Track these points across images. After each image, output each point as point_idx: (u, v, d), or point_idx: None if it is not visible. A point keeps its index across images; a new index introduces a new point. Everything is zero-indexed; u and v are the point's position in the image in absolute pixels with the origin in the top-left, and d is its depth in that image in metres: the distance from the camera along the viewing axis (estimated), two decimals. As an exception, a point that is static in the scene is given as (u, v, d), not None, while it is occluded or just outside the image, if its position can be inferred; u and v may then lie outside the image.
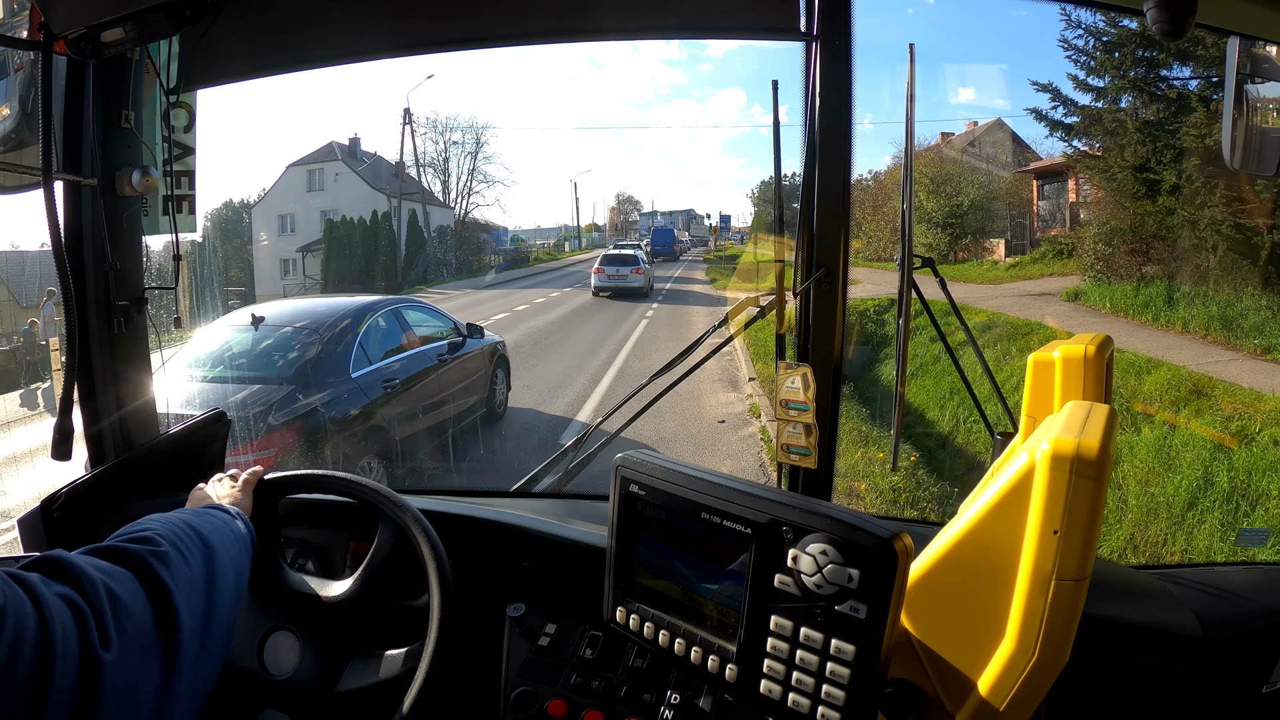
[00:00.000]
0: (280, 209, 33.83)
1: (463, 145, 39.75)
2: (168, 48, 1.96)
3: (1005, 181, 21.25)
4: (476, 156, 38.91)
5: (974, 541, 0.96)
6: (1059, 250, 17.51)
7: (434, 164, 38.14)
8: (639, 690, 1.44)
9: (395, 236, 32.84)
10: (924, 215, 20.83)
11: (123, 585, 0.95)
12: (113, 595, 0.92)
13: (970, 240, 20.64)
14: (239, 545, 1.29)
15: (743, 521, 1.02)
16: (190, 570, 1.10)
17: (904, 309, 1.81)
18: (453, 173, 38.67)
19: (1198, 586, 1.60)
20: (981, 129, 23.87)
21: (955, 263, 20.51)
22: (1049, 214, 19.72)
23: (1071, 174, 18.10)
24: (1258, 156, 1.57)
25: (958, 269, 19.78)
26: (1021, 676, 0.90)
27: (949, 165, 21.98)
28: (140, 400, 2.04)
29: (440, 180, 38.18)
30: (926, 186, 20.90)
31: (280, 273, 32.86)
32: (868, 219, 23.58)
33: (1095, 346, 1.12)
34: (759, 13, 1.73)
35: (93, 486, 1.87)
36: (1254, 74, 1.52)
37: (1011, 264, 18.61)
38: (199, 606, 1.07)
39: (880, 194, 23.96)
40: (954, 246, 20.66)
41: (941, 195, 20.72)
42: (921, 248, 20.09)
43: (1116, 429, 0.94)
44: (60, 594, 0.85)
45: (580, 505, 1.97)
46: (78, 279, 1.85)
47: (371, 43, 1.95)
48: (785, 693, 0.99)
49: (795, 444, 1.76)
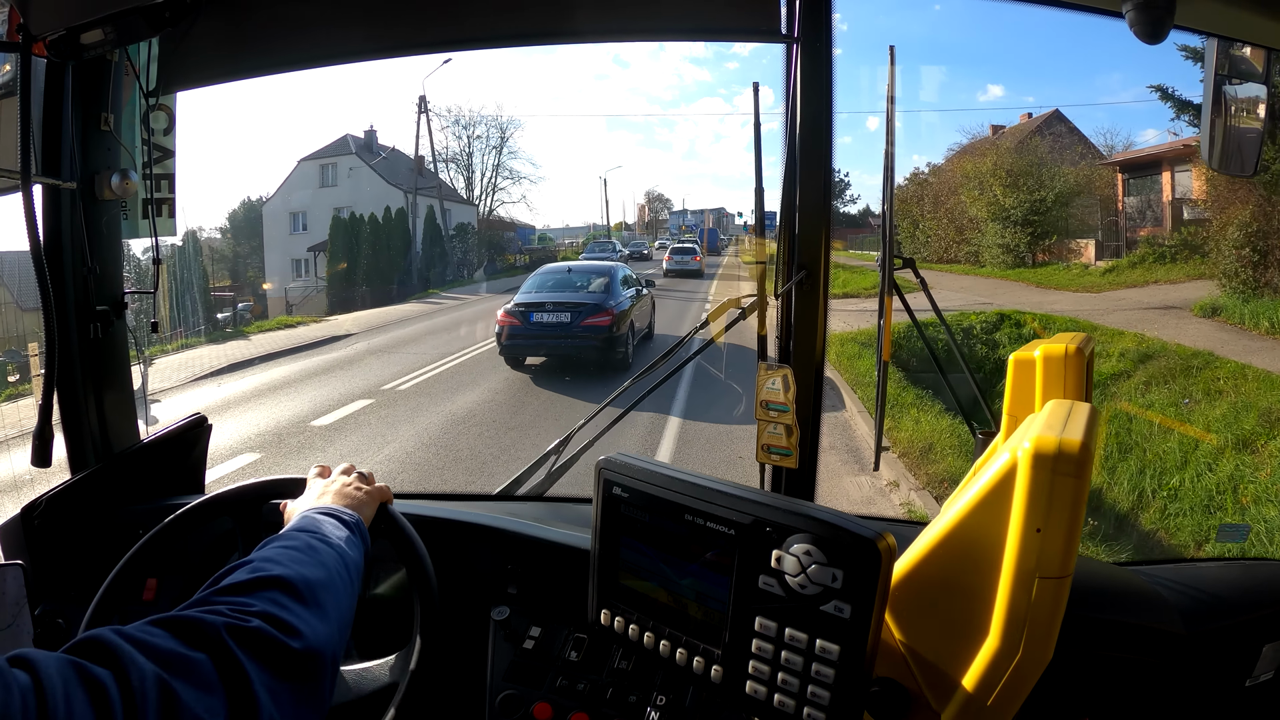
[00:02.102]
0: (292, 206, 32.41)
1: (486, 140, 38.21)
2: (147, 50, 1.94)
3: (1083, 175, 19.59)
4: (501, 151, 37.38)
5: (957, 540, 0.96)
6: (1159, 253, 15.47)
7: (456, 159, 36.64)
8: (624, 692, 1.44)
9: (410, 234, 31.16)
10: (999, 212, 19.39)
11: (189, 676, 0.74)
12: (167, 693, 0.71)
13: (1054, 241, 18.80)
14: (351, 586, 1.09)
15: (726, 523, 1.03)
16: (295, 635, 0.88)
17: (884, 309, 1.81)
18: (476, 168, 37.20)
19: (1180, 583, 1.61)
20: (1037, 121, 22.70)
21: (1034, 266, 18.78)
22: (1137, 211, 17.93)
23: (1167, 166, 16.56)
24: (1236, 156, 1.59)
25: (1039, 273, 18.04)
26: (1006, 674, 0.91)
27: (1028, 155, 20.16)
28: (120, 405, 2.02)
29: (464, 176, 36.79)
30: (1002, 180, 19.45)
31: (293, 273, 31.18)
32: (927, 215, 22.41)
33: (1076, 345, 1.12)
34: (739, 15, 1.73)
35: (73, 492, 1.85)
36: (1232, 75, 1.54)
37: (1106, 268, 16.48)
38: (289, 690, 0.84)
39: (942, 187, 22.58)
40: (1034, 247, 19.00)
41: (1021, 189, 19.03)
42: (997, 249, 19.48)
43: (1098, 427, 0.95)
44: (86, 681, 0.67)
45: (564, 508, 1.97)
46: (57, 283, 1.83)
47: (352, 44, 1.94)
48: (771, 693, 0.99)
49: (776, 444, 1.76)
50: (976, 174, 20.62)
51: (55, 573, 1.78)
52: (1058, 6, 1.55)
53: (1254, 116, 1.57)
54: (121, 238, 2.02)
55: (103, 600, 1.39)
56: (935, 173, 23.96)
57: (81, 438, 1.95)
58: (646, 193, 52.72)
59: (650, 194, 50.65)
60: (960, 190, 21.22)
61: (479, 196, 36.83)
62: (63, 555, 1.80)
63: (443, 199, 32.99)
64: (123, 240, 2.02)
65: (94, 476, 1.89)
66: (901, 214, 23.04)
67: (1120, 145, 20.77)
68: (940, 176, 23.49)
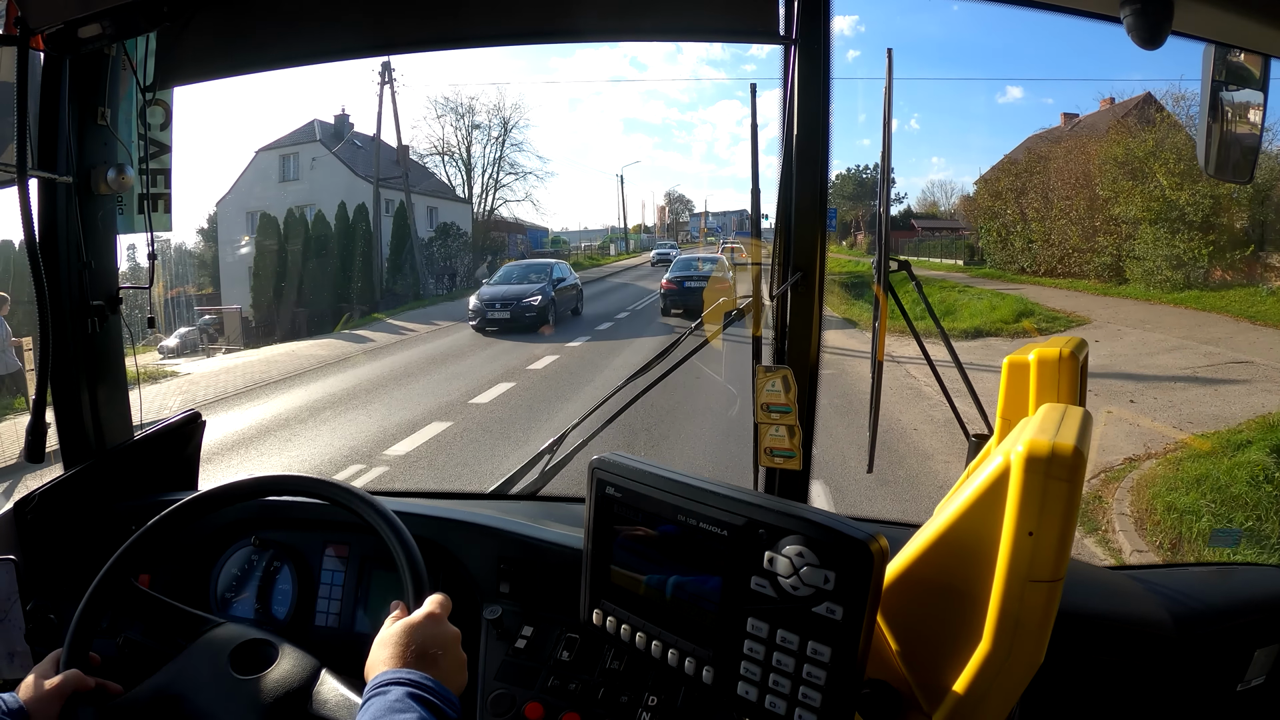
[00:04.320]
0: (250, 204, 26.76)
1: (488, 130, 32.82)
2: (145, 44, 1.94)
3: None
4: (504, 144, 32.62)
5: (949, 543, 0.96)
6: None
7: (451, 152, 31.95)
8: (616, 692, 1.44)
9: (373, 238, 25.62)
10: (1165, 211, 14.70)
11: None
12: None
13: (1247, 254, 13.67)
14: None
15: (718, 524, 1.02)
16: None
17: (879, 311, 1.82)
18: (476, 163, 32.48)
19: (1171, 587, 1.62)
20: (1129, 105, 19.35)
21: (1205, 288, 13.94)
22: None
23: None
24: (1232, 163, 1.59)
25: (1225, 298, 13.17)
26: (997, 676, 0.91)
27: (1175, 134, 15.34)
28: (114, 400, 2.02)
29: (462, 171, 32.13)
30: (1169, 167, 14.74)
31: (249, 280, 24.75)
32: (1035, 216, 18.30)
33: (1070, 349, 1.12)
34: (737, 16, 1.73)
35: (66, 487, 1.85)
36: (1229, 81, 1.54)
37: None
38: None
39: (1072, 173, 17.39)
40: (1216, 261, 14.03)
41: (1199, 180, 14.09)
42: (1163, 262, 14.75)
43: (1091, 430, 0.95)
44: None
45: (557, 508, 1.97)
46: (52, 278, 1.83)
47: (350, 41, 1.94)
48: (762, 695, 0.99)
49: (779, 447, 1.76)
50: (1127, 159, 15.97)
51: (47, 568, 1.77)
52: (1055, 11, 1.55)
53: (1251, 123, 1.57)
54: (117, 233, 2.01)
55: (94, 596, 1.39)
56: (1034, 162, 19.82)
57: (75, 433, 1.95)
58: (666, 193, 51.08)
59: (671, 195, 49.17)
60: (1096, 181, 16.67)
61: (479, 194, 32.44)
62: (55, 550, 1.80)
63: (409, 191, 27.77)
64: (118, 235, 2.02)
65: (87, 472, 1.89)
66: (986, 214, 21.00)
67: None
68: (1038, 168, 19.35)
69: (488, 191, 32.56)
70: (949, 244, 26.54)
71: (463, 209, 31.12)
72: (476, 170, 32.67)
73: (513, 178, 36.63)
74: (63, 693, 1.29)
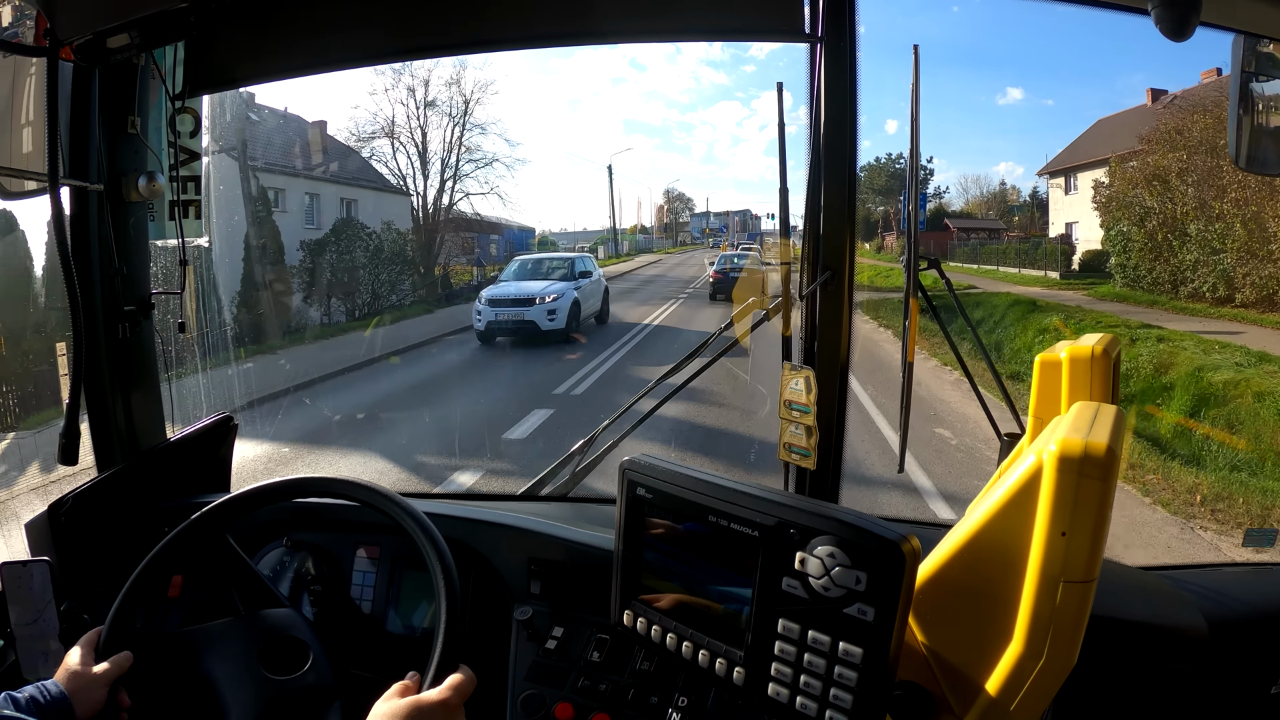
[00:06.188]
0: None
1: (449, 109, 24.75)
2: (173, 54, 1.96)
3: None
4: (464, 125, 24.73)
5: (981, 543, 0.95)
6: None
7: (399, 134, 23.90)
8: (646, 693, 1.44)
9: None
10: None
11: None
12: None
13: None
14: None
15: (750, 524, 1.02)
16: None
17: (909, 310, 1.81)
18: (433, 149, 24.27)
19: (1205, 587, 1.60)
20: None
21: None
22: None
23: None
24: (1264, 155, 1.57)
25: None
26: (1030, 678, 0.90)
27: None
28: (147, 404, 2.05)
29: (415, 158, 23.68)
30: None
31: None
32: (1190, 215, 12.97)
33: (1102, 346, 1.11)
34: (762, 14, 1.72)
35: (100, 490, 1.87)
36: (1259, 72, 1.52)
37: None
38: None
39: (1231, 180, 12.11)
40: None
41: None
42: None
43: (1124, 429, 0.94)
44: None
45: (587, 509, 1.97)
46: (85, 283, 1.86)
47: (374, 47, 1.95)
48: (793, 696, 0.99)
49: (797, 444, 1.77)
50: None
51: (81, 569, 1.80)
52: (1084, 4, 1.54)
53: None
54: (149, 239, 2.04)
55: (127, 597, 1.41)
56: (1179, 146, 13.93)
57: (109, 436, 1.98)
58: (665, 192, 48.08)
59: (670, 193, 45.05)
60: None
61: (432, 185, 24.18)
62: (89, 552, 1.82)
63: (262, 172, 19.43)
64: (150, 241, 2.05)
65: (121, 474, 1.92)
66: (1124, 209, 15.29)
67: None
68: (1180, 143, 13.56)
69: (447, 183, 24.63)
70: (1026, 249, 20.81)
71: (402, 203, 23.83)
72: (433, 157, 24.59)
73: (474, 166, 25.77)
74: (108, 679, 1.32)
